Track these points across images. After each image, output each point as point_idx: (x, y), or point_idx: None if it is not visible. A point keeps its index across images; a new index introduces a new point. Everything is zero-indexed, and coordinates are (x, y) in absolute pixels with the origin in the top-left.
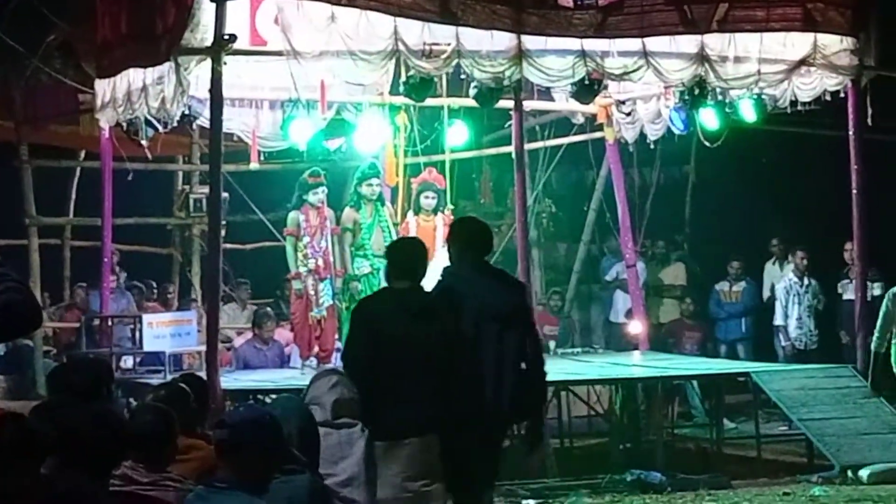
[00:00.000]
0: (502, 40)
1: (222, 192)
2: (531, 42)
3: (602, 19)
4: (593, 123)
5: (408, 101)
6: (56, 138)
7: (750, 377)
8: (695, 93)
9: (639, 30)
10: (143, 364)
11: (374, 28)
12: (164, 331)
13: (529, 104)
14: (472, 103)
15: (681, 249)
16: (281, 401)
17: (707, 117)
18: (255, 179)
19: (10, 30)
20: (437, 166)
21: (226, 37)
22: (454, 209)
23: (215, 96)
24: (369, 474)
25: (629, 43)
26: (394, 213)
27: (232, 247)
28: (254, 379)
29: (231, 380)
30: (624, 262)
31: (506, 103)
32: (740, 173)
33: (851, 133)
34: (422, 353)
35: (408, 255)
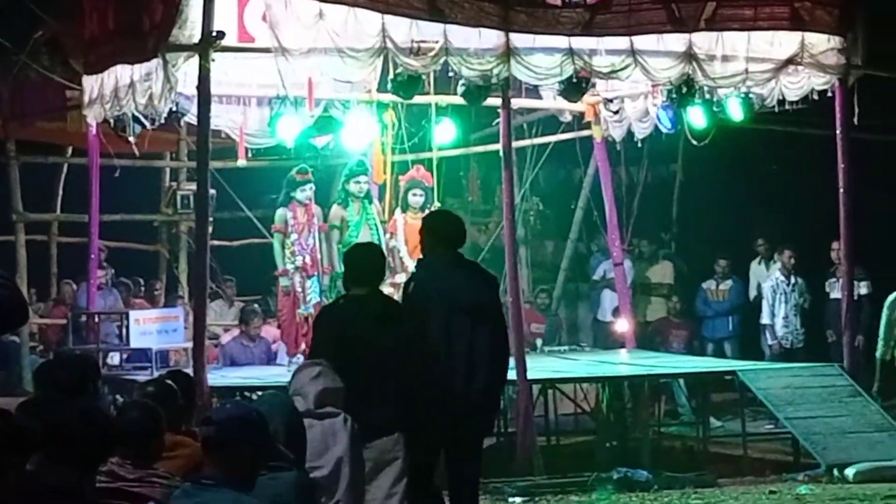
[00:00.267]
0: (490, 38)
1: (209, 189)
2: (519, 40)
3: (590, 17)
4: (581, 121)
5: (395, 98)
6: (43, 134)
7: (736, 375)
8: (682, 91)
9: (626, 28)
10: (129, 361)
11: (362, 25)
12: (151, 327)
13: (517, 102)
14: (459, 101)
15: (668, 248)
16: (267, 397)
17: (694, 116)
18: (243, 176)
19: None
20: (424, 164)
21: (213, 34)
22: (441, 206)
23: (203, 93)
24: (355, 467)
25: (617, 41)
26: (381, 210)
27: (219, 243)
28: (241, 376)
29: (218, 377)
30: (611, 261)
31: (493, 101)
32: (728, 172)
33: (839, 132)
34: (384, 357)
35: (364, 262)
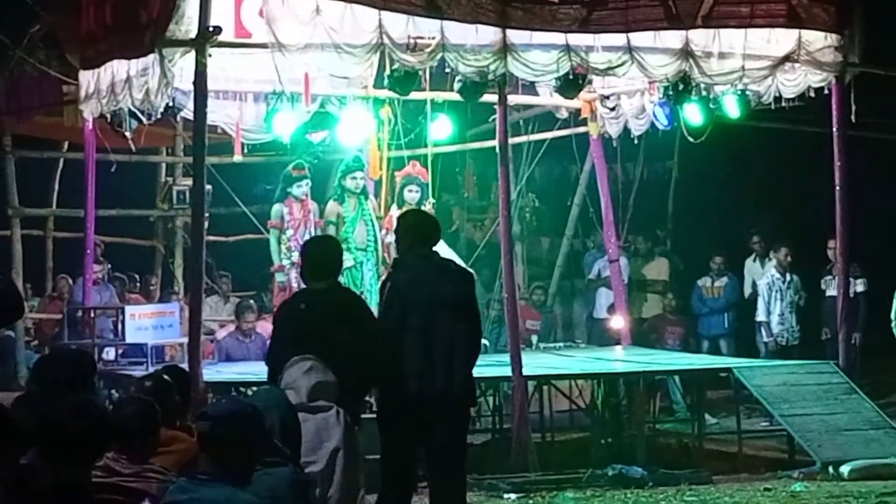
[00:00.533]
0: (487, 34)
1: (205, 185)
2: (516, 36)
3: (587, 14)
4: (577, 118)
5: (392, 94)
6: (40, 129)
7: (732, 373)
8: (679, 88)
9: (623, 25)
10: (125, 356)
11: (359, 21)
12: (147, 323)
13: (514, 98)
14: (456, 97)
15: (664, 245)
16: (262, 393)
17: (691, 113)
18: (239, 172)
19: None
20: (420, 160)
21: (210, 29)
22: (437, 203)
23: (199, 88)
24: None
25: (614, 38)
26: (377, 206)
27: (215, 239)
28: (236, 371)
29: (213, 372)
30: (607, 258)
31: (490, 97)
32: (724, 169)
33: (835, 130)
34: (342, 351)
35: (323, 256)
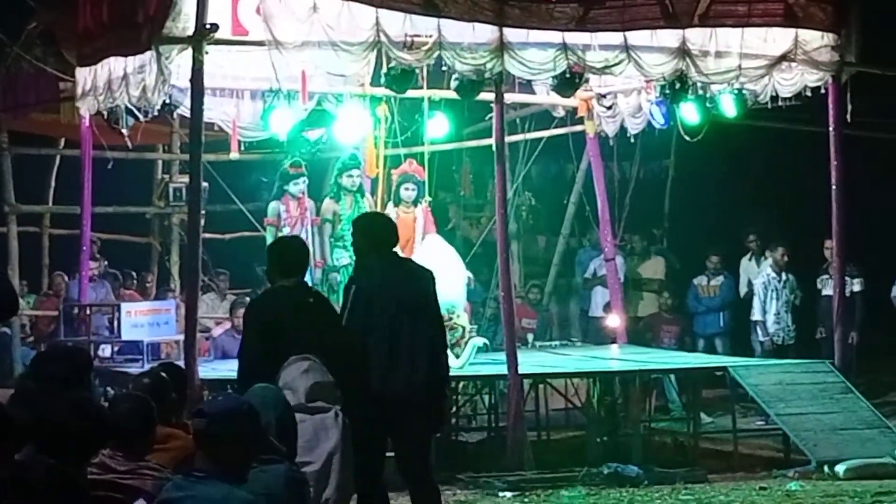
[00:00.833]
0: (484, 32)
1: (202, 182)
2: (513, 35)
3: (584, 12)
4: (574, 117)
5: (389, 92)
6: (36, 126)
7: (727, 371)
8: (676, 87)
9: (620, 23)
10: (121, 353)
11: (356, 19)
12: (143, 320)
13: (510, 97)
14: (452, 95)
15: (660, 244)
16: (258, 390)
17: (687, 112)
18: (235, 169)
19: None
20: (417, 158)
21: (207, 26)
22: (433, 201)
23: (196, 86)
24: (345, 462)
25: (610, 36)
26: (373, 204)
27: (211, 236)
28: (232, 368)
29: (209, 369)
30: (603, 257)
31: (487, 96)
32: (720, 168)
33: (831, 129)
34: (314, 344)
35: (293, 255)
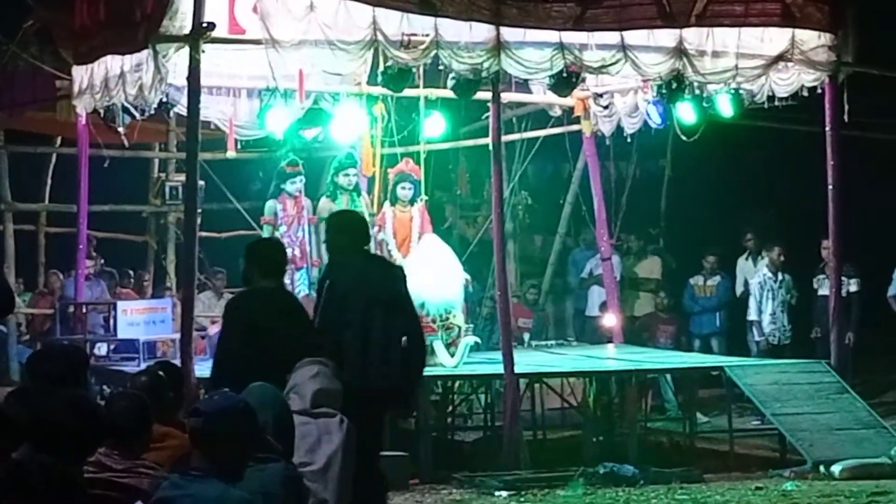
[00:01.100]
0: (481, 32)
1: (198, 180)
2: (510, 34)
3: (581, 12)
4: (570, 116)
5: (385, 91)
6: (32, 124)
7: (723, 371)
8: (672, 87)
9: (617, 23)
10: (117, 351)
11: (353, 18)
12: (139, 318)
13: (507, 96)
14: (449, 94)
15: (656, 243)
16: (255, 389)
17: (684, 111)
18: (232, 167)
19: None
20: (413, 157)
21: (204, 25)
22: (430, 200)
23: (193, 84)
24: (345, 467)
25: (607, 36)
26: (370, 203)
27: (207, 235)
28: None
29: (205, 368)
30: (599, 256)
31: (483, 95)
32: (717, 168)
33: (828, 129)
34: (290, 345)
35: (275, 257)
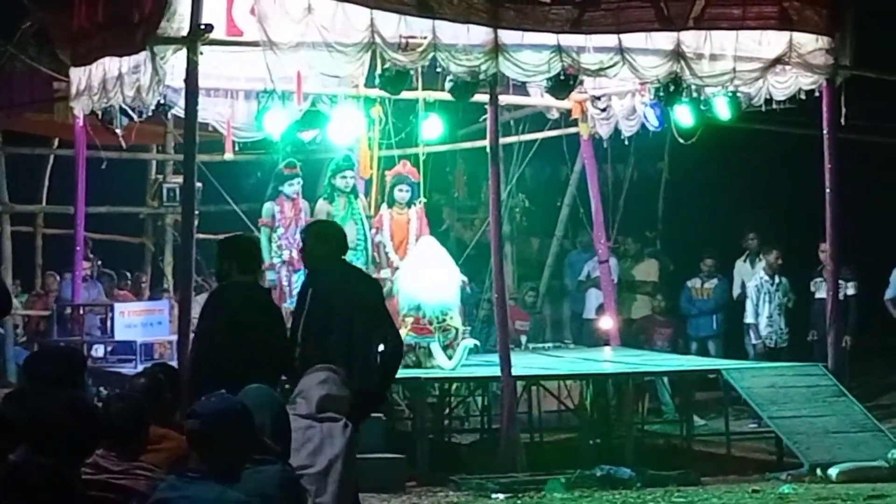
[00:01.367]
0: (478, 34)
1: (196, 182)
2: (507, 36)
3: (578, 15)
4: (568, 119)
5: (383, 93)
6: (30, 126)
7: (720, 374)
8: (670, 89)
9: (615, 26)
10: (114, 353)
11: (351, 20)
12: (136, 320)
13: (505, 98)
14: (447, 97)
15: (653, 246)
16: (252, 391)
17: (682, 114)
18: (229, 169)
19: None
20: (411, 159)
21: (202, 27)
22: (427, 202)
23: (191, 86)
24: (346, 470)
25: (605, 39)
26: (367, 205)
27: (205, 237)
28: None
29: None
30: (596, 258)
31: (481, 97)
32: (714, 171)
33: (826, 132)
34: (266, 338)
35: (253, 253)
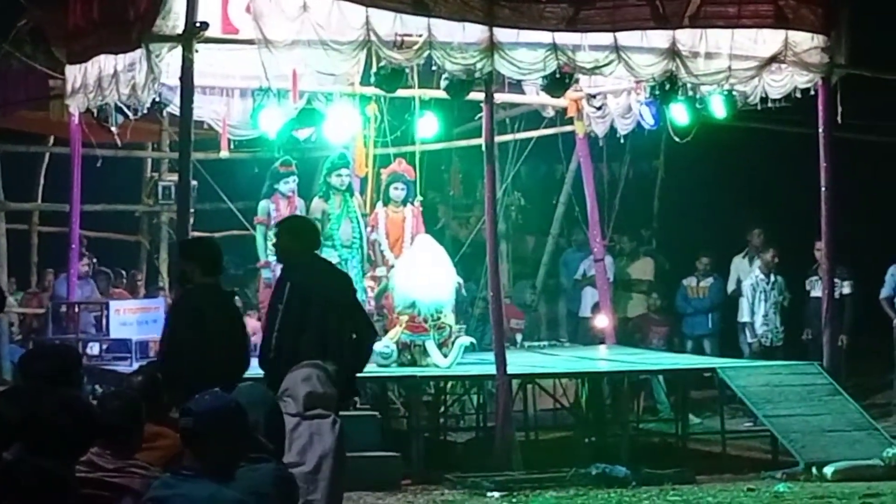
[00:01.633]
0: (474, 32)
1: (191, 180)
2: (503, 34)
3: (574, 13)
4: (563, 117)
5: (379, 91)
6: (25, 123)
7: (716, 373)
8: (665, 88)
9: (610, 24)
10: (109, 351)
11: (346, 18)
12: (131, 318)
13: (500, 97)
14: (442, 95)
15: (649, 244)
16: (246, 389)
17: (677, 113)
18: (224, 167)
19: None
20: (406, 157)
21: (197, 24)
22: (423, 200)
23: (186, 84)
24: (337, 467)
25: (601, 37)
26: (363, 203)
27: (200, 235)
28: None
29: None
30: (592, 257)
31: (477, 95)
32: (710, 169)
33: (821, 131)
34: (232, 337)
35: (217, 255)
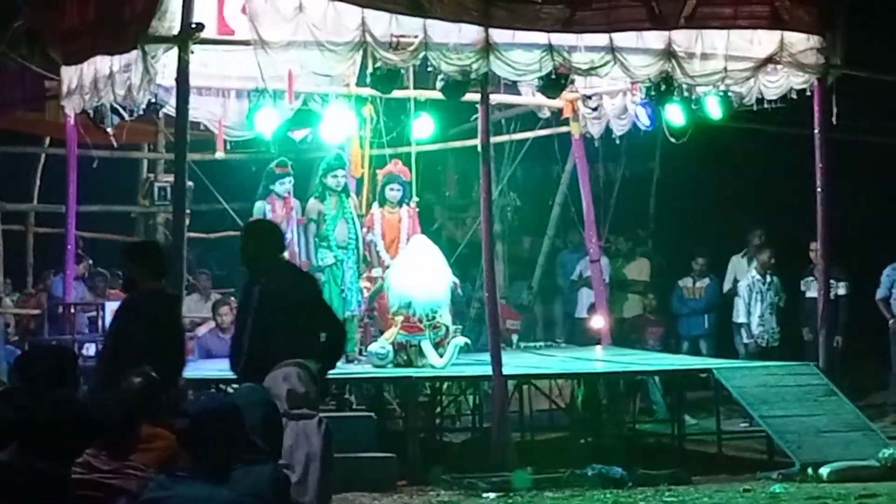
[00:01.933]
0: (470, 33)
1: (187, 181)
2: (498, 35)
3: (570, 14)
4: (559, 118)
5: (374, 92)
6: (21, 124)
7: (712, 373)
8: (661, 89)
9: (606, 25)
10: None
11: (342, 19)
12: None
13: (496, 97)
14: (438, 96)
15: (645, 245)
16: (244, 391)
17: (673, 113)
18: (220, 168)
19: None
20: (402, 158)
21: (193, 25)
22: (419, 201)
23: (182, 85)
24: (325, 468)
25: (596, 38)
26: (358, 204)
27: (196, 236)
28: (216, 368)
29: (193, 369)
30: (588, 258)
31: (472, 96)
32: (706, 170)
33: (817, 131)
34: (173, 342)
35: (162, 259)
